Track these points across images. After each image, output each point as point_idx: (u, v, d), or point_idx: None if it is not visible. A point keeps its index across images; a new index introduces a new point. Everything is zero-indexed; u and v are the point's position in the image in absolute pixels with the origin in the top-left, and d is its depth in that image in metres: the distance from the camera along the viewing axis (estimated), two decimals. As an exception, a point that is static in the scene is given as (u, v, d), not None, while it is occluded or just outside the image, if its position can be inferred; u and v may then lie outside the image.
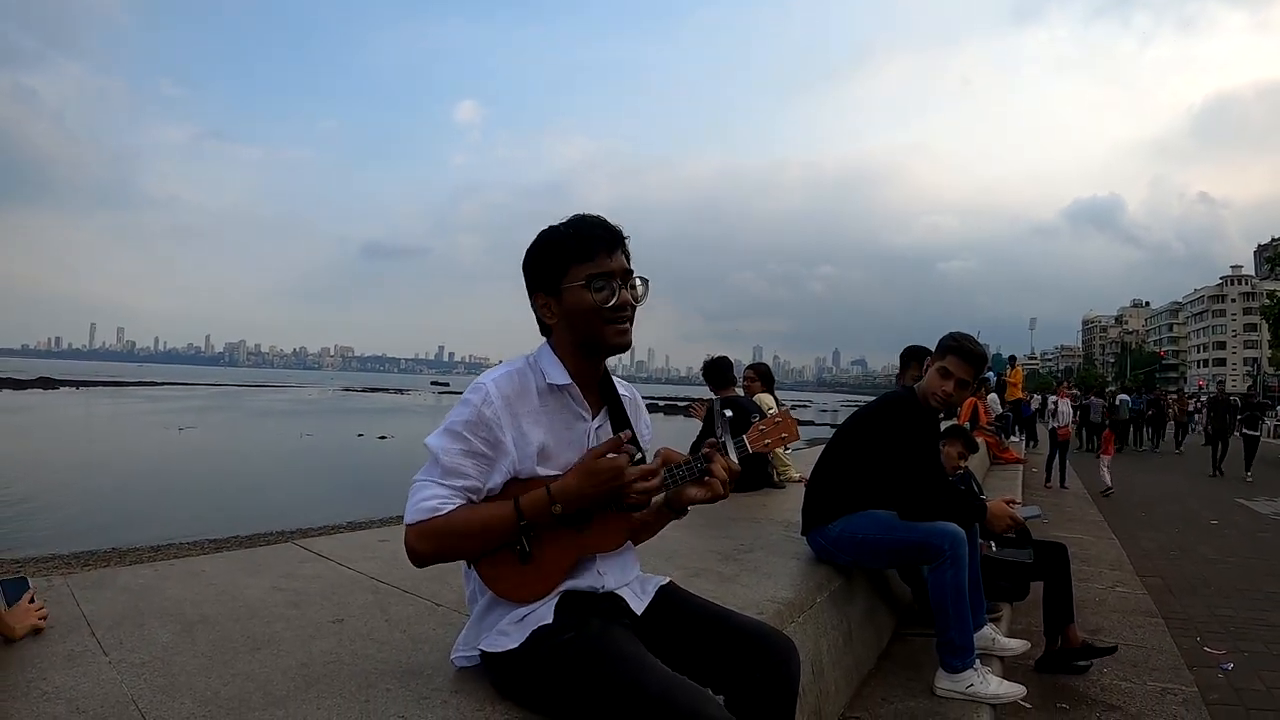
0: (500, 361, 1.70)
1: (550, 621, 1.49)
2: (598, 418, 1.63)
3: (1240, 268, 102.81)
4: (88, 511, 11.57)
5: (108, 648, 1.83)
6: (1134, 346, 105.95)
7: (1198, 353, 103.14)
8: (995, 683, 2.76)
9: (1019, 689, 2.81)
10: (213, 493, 13.91)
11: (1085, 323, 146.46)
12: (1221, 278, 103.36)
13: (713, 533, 3.51)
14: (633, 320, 1.58)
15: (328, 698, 1.56)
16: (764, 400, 5.68)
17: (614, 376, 1.71)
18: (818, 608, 2.65)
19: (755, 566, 2.93)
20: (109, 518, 11.13)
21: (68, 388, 57.33)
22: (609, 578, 1.60)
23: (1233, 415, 14.47)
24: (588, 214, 1.58)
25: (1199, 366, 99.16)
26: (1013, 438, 14.41)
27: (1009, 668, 3.20)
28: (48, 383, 58.38)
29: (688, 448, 4.76)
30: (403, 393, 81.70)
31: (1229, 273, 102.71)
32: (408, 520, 1.47)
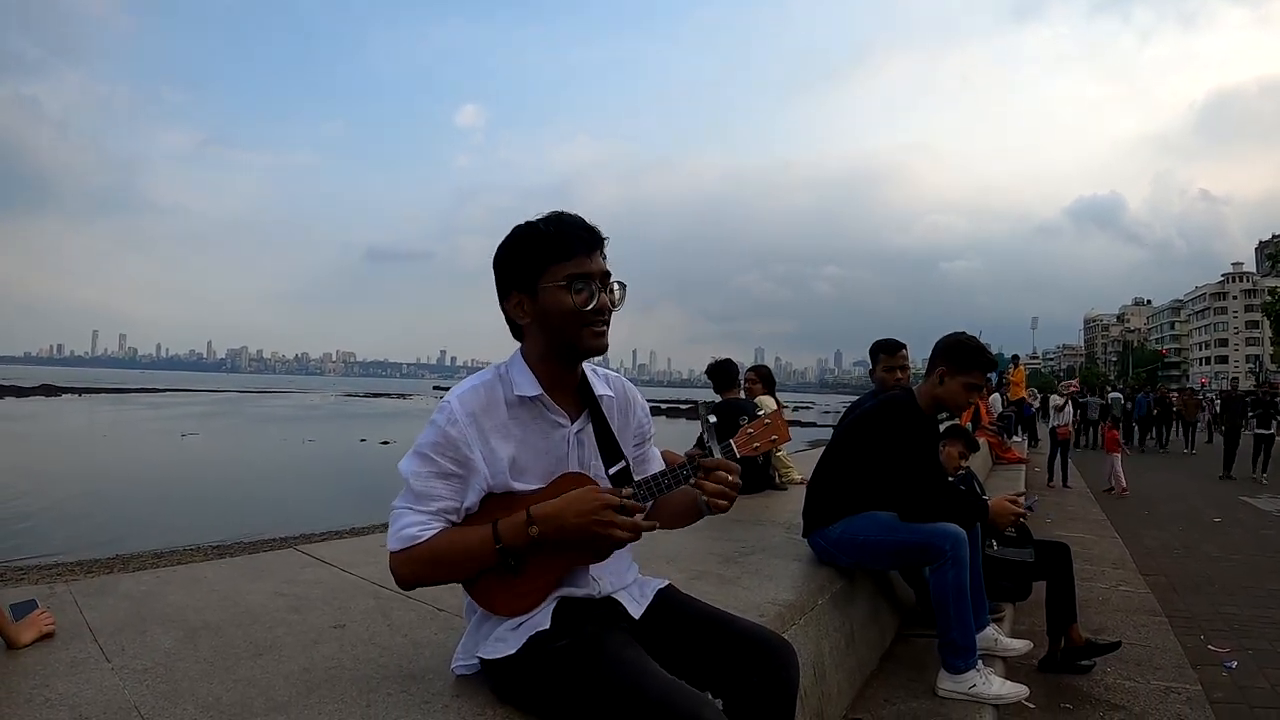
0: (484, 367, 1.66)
1: (547, 628, 1.48)
2: (578, 422, 1.59)
3: (1242, 265, 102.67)
4: (90, 518, 11.57)
5: (110, 654, 1.83)
6: (1136, 345, 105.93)
7: (1200, 350, 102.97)
8: (998, 683, 2.76)
9: (1022, 689, 2.81)
10: (215, 499, 13.91)
11: (1087, 321, 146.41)
12: (1223, 275, 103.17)
13: (714, 535, 3.51)
14: (609, 323, 1.53)
15: (329, 703, 1.56)
16: (765, 402, 5.68)
17: (598, 372, 1.66)
18: (819, 610, 2.65)
19: (756, 569, 2.93)
20: (112, 525, 11.13)
21: (70, 395, 57.38)
22: (605, 583, 1.59)
23: (1245, 413, 14.10)
24: (565, 212, 1.53)
25: (1201, 364, 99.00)
26: (1014, 438, 14.40)
27: (1012, 668, 3.20)
28: (50, 390, 58.57)
29: (685, 450, 4.77)
30: (405, 397, 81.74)
31: (1231, 270, 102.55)
32: (390, 548, 1.46)
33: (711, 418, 1.58)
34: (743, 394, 5.65)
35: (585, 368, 1.62)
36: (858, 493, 3.00)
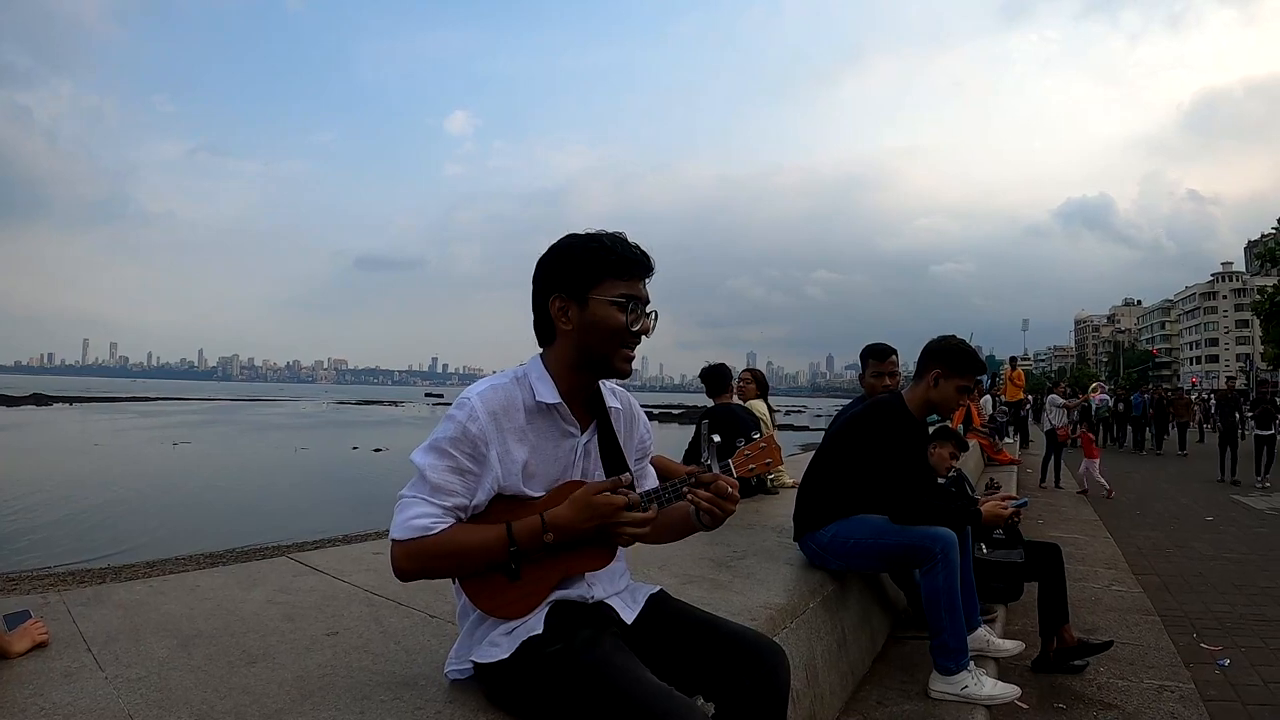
0: (494, 373, 1.68)
1: (540, 632, 1.49)
2: (586, 433, 1.62)
3: (1231, 264, 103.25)
4: (83, 527, 11.52)
5: (104, 664, 1.83)
6: (1127, 345, 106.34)
7: (1190, 350, 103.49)
8: (990, 684, 2.78)
9: (1014, 689, 2.83)
10: (207, 508, 13.86)
11: (1078, 322, 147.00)
12: (1213, 275, 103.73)
13: (705, 539, 3.51)
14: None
15: (323, 710, 1.57)
16: (756, 406, 5.70)
17: (606, 385, 1.69)
18: (811, 613, 2.66)
19: (748, 573, 2.94)
20: (104, 533, 11.08)
21: (61, 404, 57.07)
22: (598, 588, 1.60)
23: (1242, 413, 13.52)
24: (619, 233, 1.57)
25: (1192, 364, 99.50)
26: (1006, 439, 14.45)
27: (1005, 669, 3.21)
28: (41, 399, 58.15)
29: (679, 455, 4.79)
30: (397, 405, 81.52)
31: (1220, 270, 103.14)
32: (396, 536, 1.45)
33: (715, 437, 1.63)
34: (736, 397, 5.67)
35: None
36: (848, 496, 3.02)
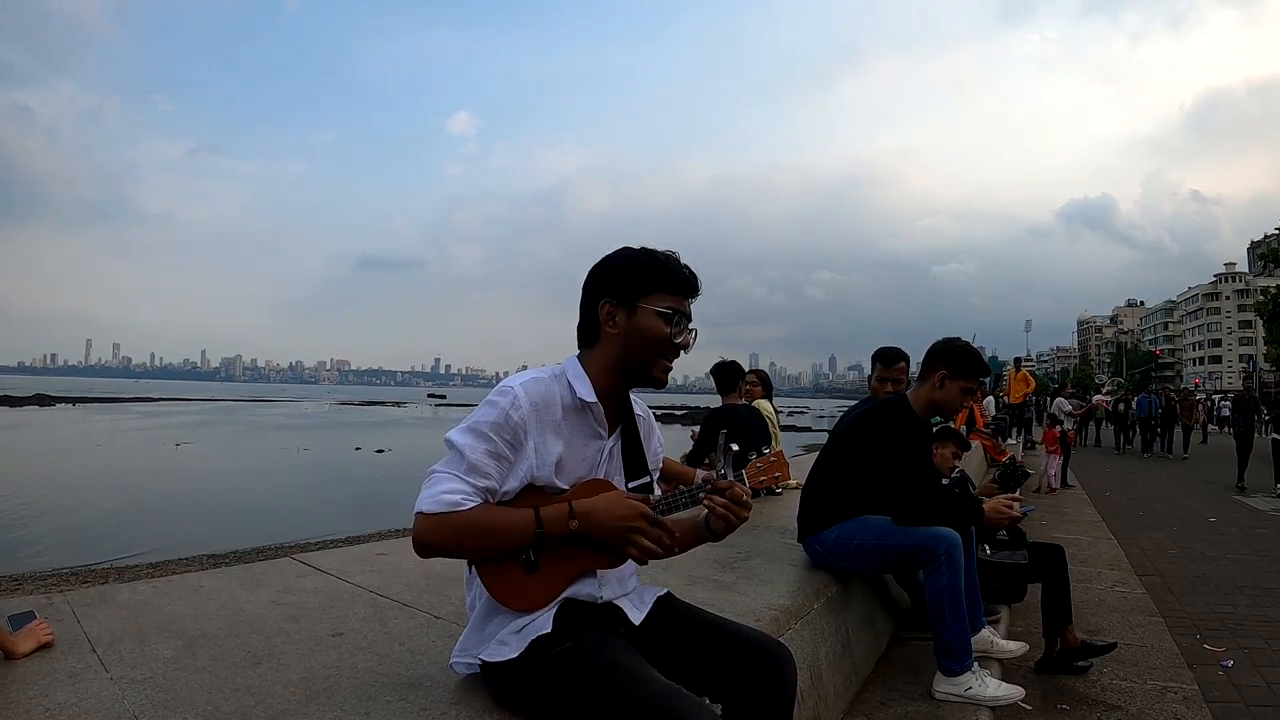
0: (496, 374, 1.69)
1: (549, 631, 1.49)
2: (612, 437, 1.65)
3: (1234, 265, 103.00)
4: (86, 528, 11.53)
5: (109, 664, 1.84)
6: (1130, 346, 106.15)
7: (1193, 351, 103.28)
8: (994, 685, 2.78)
9: (1018, 690, 2.83)
10: (211, 508, 13.87)
11: (1080, 323, 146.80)
12: (1215, 275, 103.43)
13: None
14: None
15: (328, 711, 1.57)
16: (763, 406, 5.70)
17: (632, 395, 1.72)
18: (815, 614, 2.66)
19: (753, 574, 2.95)
20: (108, 534, 11.10)
21: (64, 405, 57.15)
22: (607, 588, 1.61)
23: (1260, 416, 12.98)
24: (673, 252, 1.62)
25: (1195, 365, 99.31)
26: (1009, 440, 14.43)
27: (1008, 670, 3.21)
28: (44, 399, 58.27)
29: (679, 455, 4.80)
30: (400, 405, 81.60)
31: (1223, 270, 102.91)
32: (424, 509, 1.44)
33: (734, 445, 1.63)
34: (743, 398, 5.66)
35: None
36: (852, 497, 3.02)
